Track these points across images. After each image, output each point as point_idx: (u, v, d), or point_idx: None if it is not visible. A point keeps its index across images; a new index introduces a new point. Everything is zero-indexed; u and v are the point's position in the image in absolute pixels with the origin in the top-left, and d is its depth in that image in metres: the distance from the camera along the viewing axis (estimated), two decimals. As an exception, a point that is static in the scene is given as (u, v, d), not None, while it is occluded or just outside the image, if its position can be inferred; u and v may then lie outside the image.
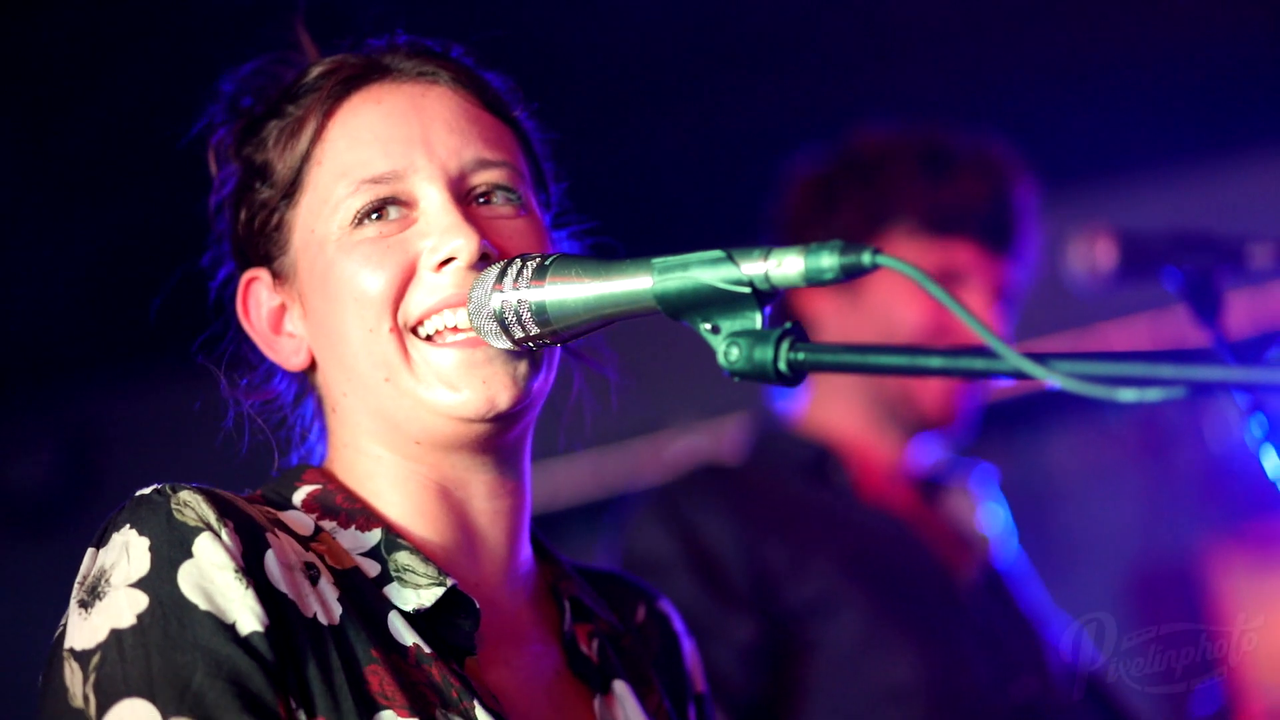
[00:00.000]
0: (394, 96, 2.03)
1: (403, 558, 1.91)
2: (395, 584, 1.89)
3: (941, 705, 3.14)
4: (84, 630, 1.74)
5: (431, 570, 1.89)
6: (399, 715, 1.76)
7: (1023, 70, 3.40)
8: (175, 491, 1.79)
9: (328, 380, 2.03)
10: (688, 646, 2.26)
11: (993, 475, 3.61)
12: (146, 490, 1.80)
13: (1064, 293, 3.26)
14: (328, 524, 1.93)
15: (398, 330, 1.94)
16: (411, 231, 1.97)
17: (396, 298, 1.95)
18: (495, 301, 1.88)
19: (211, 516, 1.77)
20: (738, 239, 1.81)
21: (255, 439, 2.11)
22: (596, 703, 2.01)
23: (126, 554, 1.75)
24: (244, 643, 1.72)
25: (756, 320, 1.71)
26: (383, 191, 1.97)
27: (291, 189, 2.02)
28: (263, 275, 2.06)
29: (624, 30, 4.82)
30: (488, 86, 2.09)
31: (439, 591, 1.88)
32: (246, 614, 1.73)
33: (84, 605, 1.76)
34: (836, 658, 3.16)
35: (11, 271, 5.40)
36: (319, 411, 2.08)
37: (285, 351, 2.06)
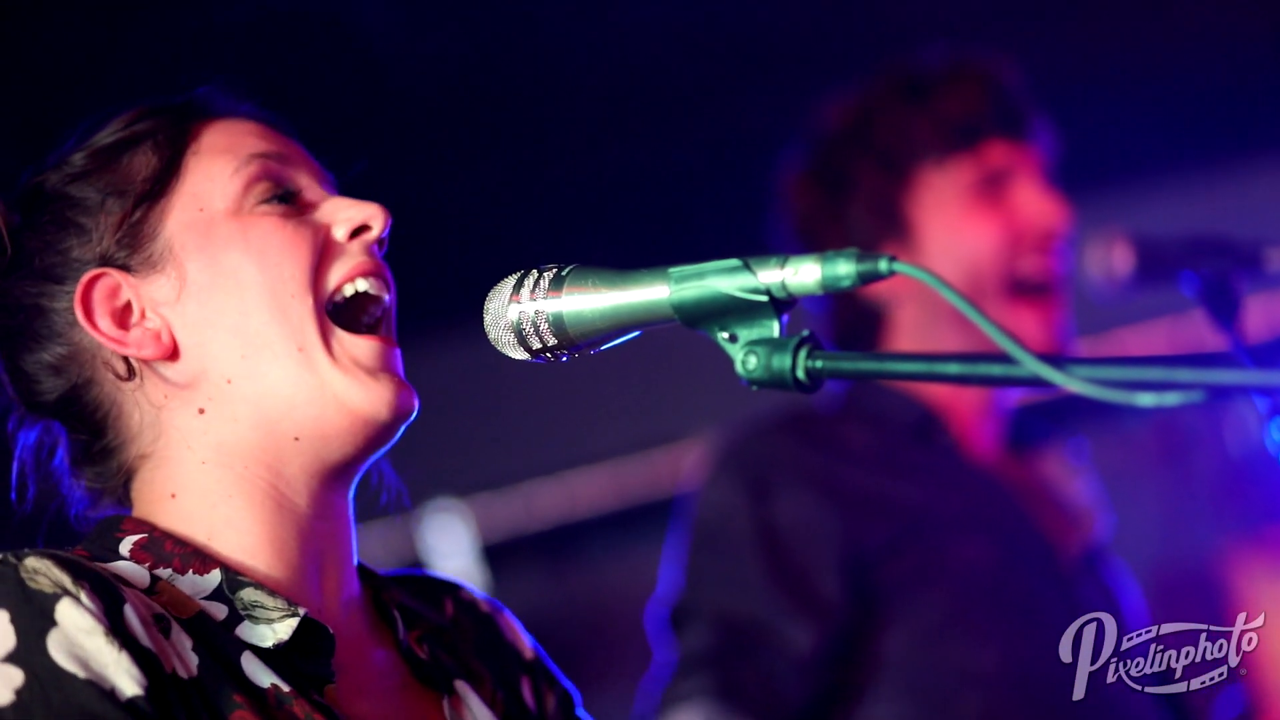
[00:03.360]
0: (250, 121, 2.08)
1: (248, 594, 1.87)
2: (246, 623, 1.86)
3: (1022, 690, 3.05)
4: None
5: (281, 602, 1.87)
6: None
7: (1036, 75, 3.40)
8: (20, 559, 1.73)
9: (207, 369, 1.95)
10: (502, 620, 2.23)
11: (1085, 447, 3.51)
12: None
13: (1081, 298, 3.25)
14: (163, 571, 1.88)
15: (319, 305, 1.96)
16: (315, 214, 2.01)
17: (314, 267, 1.97)
18: (513, 313, 1.88)
19: (66, 580, 1.71)
20: (752, 248, 1.81)
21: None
22: (445, 705, 2.00)
23: None
24: (128, 706, 1.68)
25: (774, 328, 1.71)
26: (273, 168, 2.01)
27: (161, 182, 2.00)
28: (109, 273, 1.98)
29: (633, 37, 4.83)
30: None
31: (293, 623, 1.86)
32: (124, 678, 1.69)
33: None
34: (920, 636, 3.08)
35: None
36: (154, 434, 1.98)
37: (135, 342, 1.97)
